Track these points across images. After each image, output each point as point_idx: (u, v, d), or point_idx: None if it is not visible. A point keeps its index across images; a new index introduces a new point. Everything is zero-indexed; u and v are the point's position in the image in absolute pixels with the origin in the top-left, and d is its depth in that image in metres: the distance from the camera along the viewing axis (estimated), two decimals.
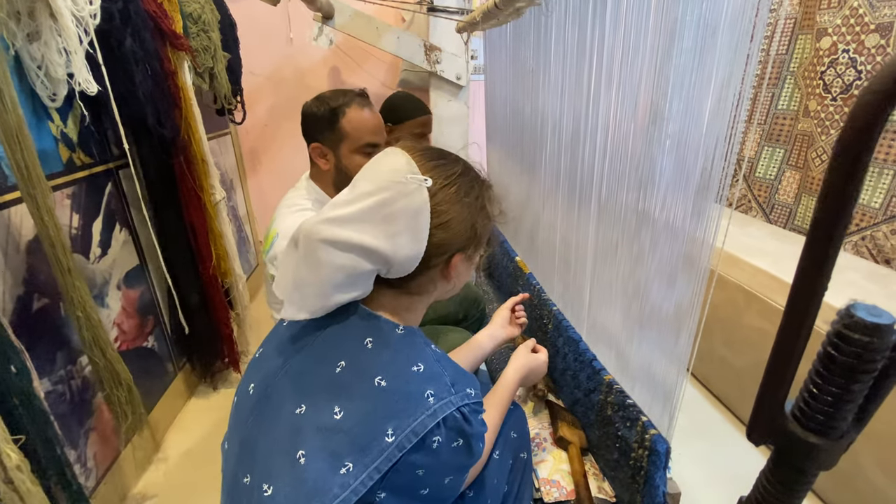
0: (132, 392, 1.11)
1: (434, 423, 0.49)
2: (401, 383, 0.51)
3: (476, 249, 0.61)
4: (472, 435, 0.52)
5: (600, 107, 0.85)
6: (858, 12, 1.38)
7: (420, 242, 0.53)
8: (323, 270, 0.52)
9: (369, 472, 0.47)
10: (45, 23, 0.92)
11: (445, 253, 0.56)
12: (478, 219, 0.58)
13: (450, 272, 0.58)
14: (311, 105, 1.03)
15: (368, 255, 0.52)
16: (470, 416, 0.52)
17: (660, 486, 0.74)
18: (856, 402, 0.25)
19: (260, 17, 2.15)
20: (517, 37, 1.30)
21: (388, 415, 0.49)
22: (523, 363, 0.86)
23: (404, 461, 0.48)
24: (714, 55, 0.58)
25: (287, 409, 0.53)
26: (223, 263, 1.55)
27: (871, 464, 1.01)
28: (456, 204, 0.55)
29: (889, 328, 0.23)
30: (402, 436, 0.48)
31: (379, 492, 0.48)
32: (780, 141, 1.73)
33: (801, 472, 0.27)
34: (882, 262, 1.37)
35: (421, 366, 0.52)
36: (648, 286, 0.77)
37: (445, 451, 0.50)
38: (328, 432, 0.49)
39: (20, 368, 0.77)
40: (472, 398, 0.53)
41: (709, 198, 0.62)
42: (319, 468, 0.48)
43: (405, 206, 0.52)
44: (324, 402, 0.51)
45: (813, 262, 0.22)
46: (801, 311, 0.24)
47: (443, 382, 0.52)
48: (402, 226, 0.52)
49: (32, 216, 0.87)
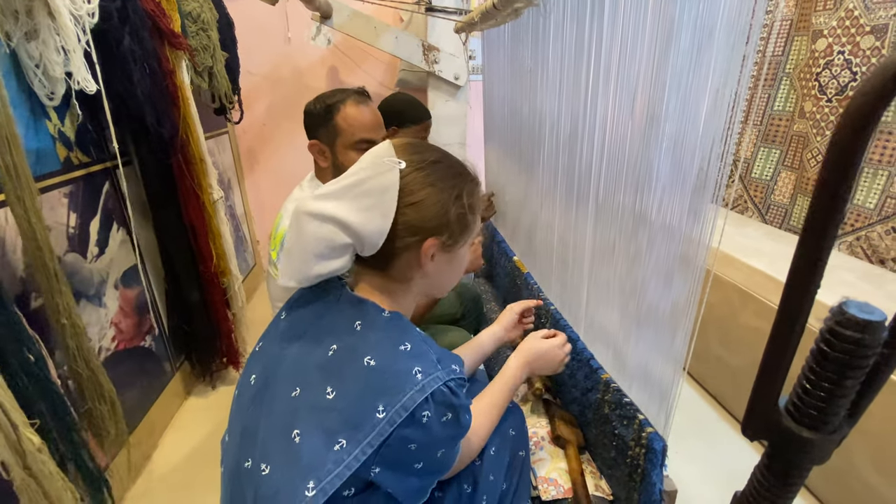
0: (115, 406, 1.08)
1: (423, 398, 0.51)
2: (389, 362, 0.53)
3: (452, 238, 0.62)
4: (460, 406, 0.54)
5: (598, 107, 0.85)
6: (854, 14, 1.39)
7: (387, 218, 0.56)
8: (306, 240, 0.57)
9: (362, 447, 0.49)
10: (43, 21, 0.92)
11: (416, 234, 0.58)
12: (451, 206, 0.60)
13: (423, 258, 0.60)
14: (311, 103, 1.05)
15: (344, 228, 0.56)
16: (457, 390, 0.54)
17: (656, 484, 0.75)
18: (848, 397, 0.25)
19: (258, 17, 2.15)
20: (515, 37, 1.30)
21: (378, 392, 0.51)
22: (527, 346, 0.85)
23: (396, 436, 0.50)
24: (710, 56, 0.59)
25: (284, 394, 0.55)
26: (221, 262, 1.55)
27: (865, 462, 1.02)
28: (427, 187, 0.58)
29: (880, 325, 0.23)
30: (393, 411, 0.50)
31: (373, 467, 0.50)
32: (775, 142, 1.74)
33: (795, 466, 0.28)
34: (877, 262, 1.38)
35: (408, 345, 0.55)
36: (645, 286, 0.77)
37: (436, 425, 0.52)
38: (322, 411, 0.51)
39: (37, 357, 0.80)
40: (457, 374, 0.55)
41: (705, 198, 0.62)
42: (314, 445, 0.50)
43: (377, 184, 0.56)
44: (317, 383, 0.53)
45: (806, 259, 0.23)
46: (794, 309, 0.24)
47: (429, 360, 0.54)
48: (372, 201, 0.56)
49: (18, 219, 0.85)
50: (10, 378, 0.72)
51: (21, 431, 0.70)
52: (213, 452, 1.38)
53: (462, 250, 0.65)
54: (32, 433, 0.73)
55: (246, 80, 2.11)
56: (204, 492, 1.25)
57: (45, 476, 0.74)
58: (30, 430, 0.72)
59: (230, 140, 2.26)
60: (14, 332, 0.77)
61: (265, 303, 2.29)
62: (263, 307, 2.24)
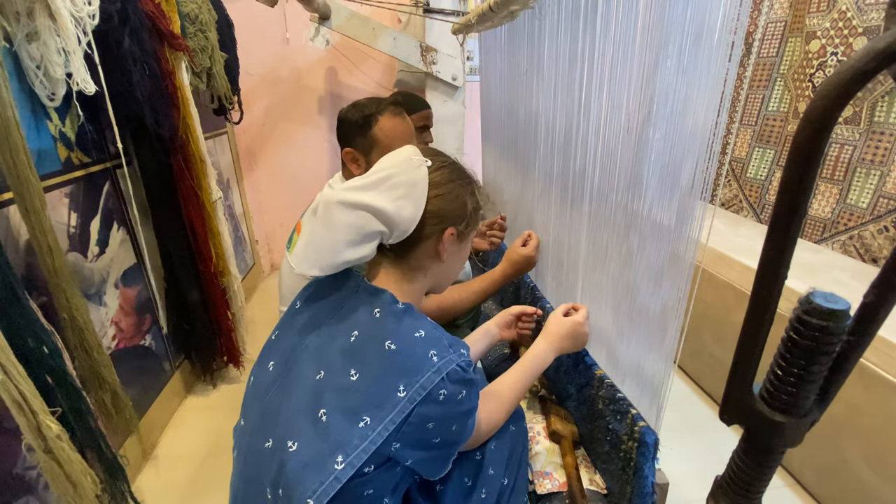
0: (117, 395, 1.11)
1: (439, 378, 0.56)
2: (407, 346, 0.58)
3: (467, 228, 0.69)
4: (473, 382, 0.60)
5: (591, 109, 0.87)
6: (847, 16, 1.41)
7: (419, 207, 0.63)
8: (336, 228, 0.61)
9: (385, 423, 0.54)
10: (44, 23, 0.93)
11: (440, 223, 0.66)
12: (468, 199, 0.68)
13: (442, 247, 0.67)
14: (347, 111, 1.06)
15: (376, 214, 0.61)
16: (468, 369, 0.60)
17: (648, 477, 0.76)
18: (816, 382, 0.27)
19: (256, 18, 2.16)
20: (511, 40, 1.32)
21: (399, 374, 0.56)
22: (554, 329, 0.87)
23: (416, 413, 0.55)
24: (699, 59, 0.60)
25: (308, 378, 0.60)
26: (220, 262, 1.57)
27: (857, 458, 1.04)
28: (450, 182, 0.67)
29: (844, 313, 0.25)
30: (413, 390, 0.55)
31: (394, 443, 0.55)
32: (770, 142, 1.76)
33: (770, 449, 0.29)
34: (869, 260, 1.40)
35: (422, 332, 0.60)
36: (637, 284, 0.79)
37: (452, 402, 0.58)
38: (346, 392, 0.56)
39: (52, 348, 0.82)
40: (466, 356, 0.61)
41: (693, 197, 0.63)
42: (340, 423, 0.54)
43: (408, 178, 0.63)
44: (340, 367, 0.58)
45: (774, 251, 0.24)
46: (764, 298, 0.26)
47: (442, 344, 0.59)
48: (404, 192, 0.62)
49: (22, 216, 0.88)
50: (28, 368, 0.74)
51: (41, 419, 0.73)
52: (213, 450, 1.39)
53: (466, 243, 0.73)
54: (53, 421, 0.75)
55: (245, 81, 2.12)
56: (204, 489, 1.26)
57: (66, 461, 0.77)
58: (50, 418, 0.75)
59: (229, 140, 2.27)
60: (30, 324, 0.79)
61: (265, 302, 2.31)
62: (263, 306, 2.25)
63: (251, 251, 2.47)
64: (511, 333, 0.98)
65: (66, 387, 0.85)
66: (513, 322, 0.98)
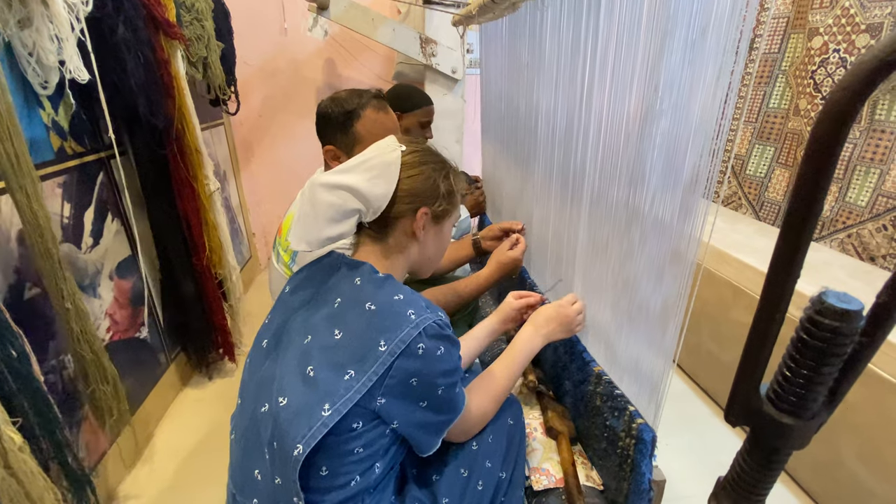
0: (117, 387, 1.10)
1: (417, 332, 0.60)
2: (387, 306, 0.62)
3: (441, 209, 0.73)
4: (451, 339, 0.64)
5: (593, 103, 0.86)
6: (850, 12, 1.40)
7: (390, 184, 0.68)
8: (319, 207, 0.67)
9: (368, 375, 0.58)
10: (37, 9, 0.91)
11: (412, 202, 0.70)
12: (441, 181, 0.72)
13: (417, 226, 0.71)
14: (327, 106, 1.00)
15: (354, 193, 0.66)
16: (445, 326, 0.64)
17: (646, 474, 0.76)
18: (826, 384, 0.26)
19: (254, 7, 2.13)
20: (512, 32, 1.30)
21: (379, 330, 0.60)
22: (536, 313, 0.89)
23: (397, 366, 0.59)
24: (705, 53, 0.59)
25: (297, 343, 0.64)
26: (217, 254, 1.55)
27: (852, 455, 1.04)
28: (421, 164, 0.71)
29: (857, 314, 0.24)
30: (393, 344, 0.59)
31: (379, 397, 0.59)
32: (770, 139, 1.75)
33: (775, 451, 0.28)
34: (867, 259, 1.40)
35: (401, 295, 0.64)
36: (637, 281, 0.78)
37: (431, 357, 0.61)
38: (331, 349, 0.61)
39: (20, 352, 0.79)
40: (444, 318, 0.65)
41: (696, 193, 0.63)
42: (327, 376, 0.59)
43: (383, 160, 0.69)
44: (325, 329, 0.63)
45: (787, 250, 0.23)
46: (775, 298, 0.25)
47: (420, 304, 0.64)
48: (378, 172, 0.68)
49: (19, 207, 0.85)
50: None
51: (2, 430, 0.68)
52: (208, 442, 1.38)
53: (445, 228, 0.77)
54: (14, 431, 0.71)
55: (242, 71, 2.09)
56: (199, 481, 1.25)
57: (27, 476, 0.72)
58: (11, 429, 0.70)
59: (226, 131, 2.24)
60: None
61: (261, 295, 2.30)
62: (259, 299, 2.24)
63: (248, 244, 2.46)
64: (513, 326, 0.97)
65: (32, 394, 0.80)
66: (517, 317, 0.97)
